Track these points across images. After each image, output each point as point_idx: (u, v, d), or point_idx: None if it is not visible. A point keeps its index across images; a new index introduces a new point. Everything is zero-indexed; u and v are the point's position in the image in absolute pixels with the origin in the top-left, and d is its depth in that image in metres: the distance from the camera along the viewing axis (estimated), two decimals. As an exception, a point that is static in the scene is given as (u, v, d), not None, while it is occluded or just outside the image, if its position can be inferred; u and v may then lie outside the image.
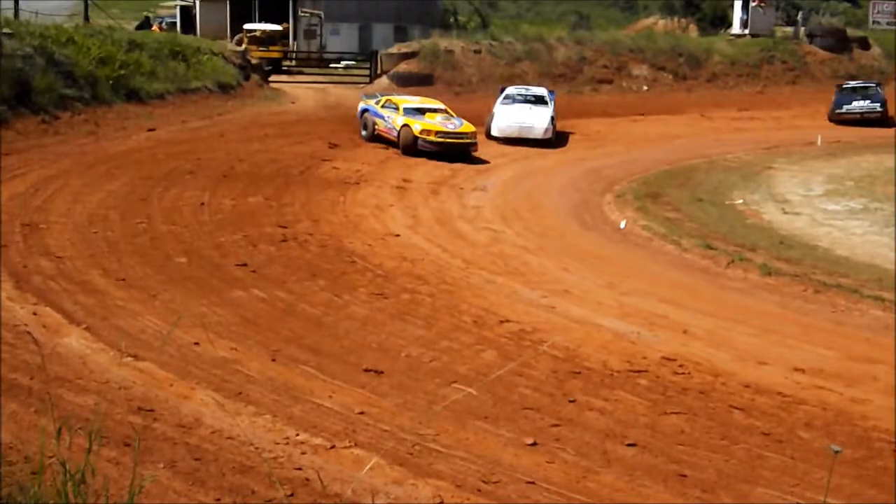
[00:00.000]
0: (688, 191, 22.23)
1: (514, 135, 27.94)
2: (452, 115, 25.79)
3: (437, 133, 24.45)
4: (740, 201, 21.26)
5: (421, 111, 25.69)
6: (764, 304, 13.92)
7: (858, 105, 35.00)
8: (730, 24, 47.79)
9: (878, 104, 34.99)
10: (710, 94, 40.14)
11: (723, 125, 34.12)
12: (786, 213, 20.18)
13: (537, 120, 28.28)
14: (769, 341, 12.00)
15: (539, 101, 29.81)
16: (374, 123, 26.02)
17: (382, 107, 26.32)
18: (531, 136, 27.88)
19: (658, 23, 54.62)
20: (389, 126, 25.37)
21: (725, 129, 33.24)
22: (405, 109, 25.61)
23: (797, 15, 48.11)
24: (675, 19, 52.73)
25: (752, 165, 26.34)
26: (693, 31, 50.69)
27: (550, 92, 31.16)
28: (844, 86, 37.21)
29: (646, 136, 31.22)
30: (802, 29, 46.47)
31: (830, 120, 35.00)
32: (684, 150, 28.39)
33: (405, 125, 24.77)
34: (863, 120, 34.43)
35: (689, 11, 51.96)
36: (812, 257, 16.25)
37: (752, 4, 45.58)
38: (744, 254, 16.25)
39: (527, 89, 31.45)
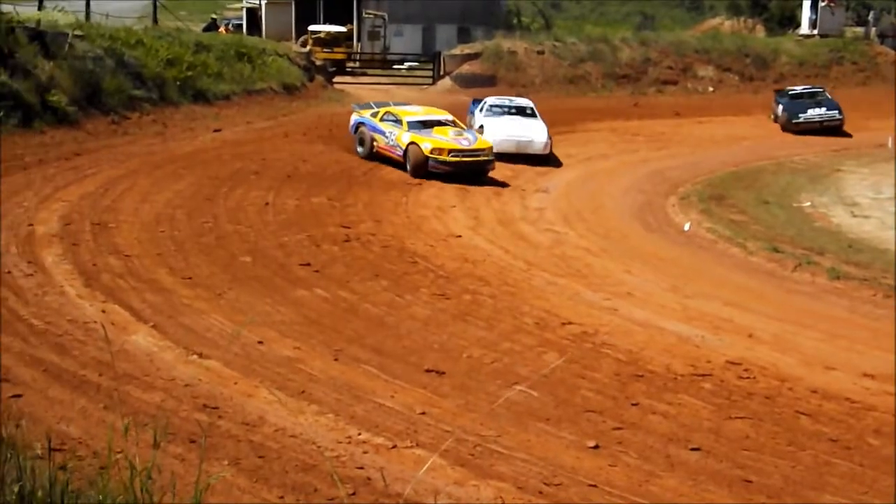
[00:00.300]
0: (754, 193, 21.94)
1: (511, 150, 24.19)
2: (464, 129, 22.71)
3: (450, 152, 21.02)
4: (808, 204, 20.92)
5: (427, 124, 22.16)
6: (832, 309, 13.69)
7: (817, 113, 31.97)
8: (798, 25, 47.05)
9: (837, 111, 32.04)
10: (778, 96, 39.51)
11: (790, 127, 33.59)
12: (855, 216, 19.82)
13: (536, 133, 25.10)
14: (837, 346, 11.79)
15: (524, 112, 26.76)
16: (373, 139, 22.62)
17: (381, 119, 22.78)
18: (530, 151, 24.60)
19: (724, 23, 53.95)
20: (392, 143, 21.96)
21: (793, 131, 32.73)
22: (410, 123, 22.06)
23: (868, 15, 47.21)
24: (742, 19, 52.03)
25: (820, 168, 25.91)
26: (760, 31, 49.98)
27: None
28: (790, 91, 34.23)
29: (711, 137, 30.87)
30: (873, 29, 45.60)
31: (786, 129, 32.23)
32: (750, 151, 28.01)
33: (412, 143, 21.27)
34: (822, 129, 31.57)
35: (756, 11, 51.24)
36: (882, 261, 15.93)
37: (822, 4, 44.84)
38: (811, 257, 16.00)
39: (510, 100, 28.14)
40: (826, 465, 8.53)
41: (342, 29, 41.30)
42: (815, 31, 44.90)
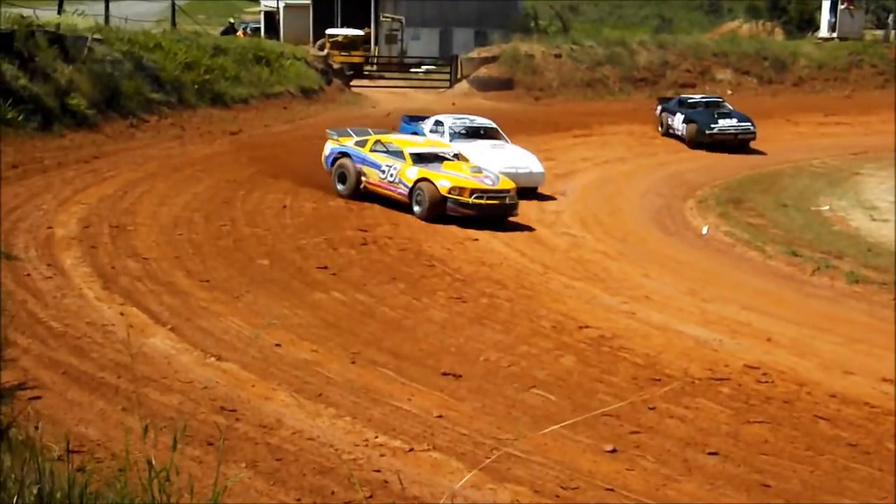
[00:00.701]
0: (772, 196, 21.85)
1: None
2: (474, 165, 18.45)
3: (472, 192, 17.23)
4: (826, 207, 20.82)
5: (433, 158, 18.53)
6: (851, 313, 13.62)
7: (730, 124, 28.41)
8: (817, 28, 46.84)
9: (750, 124, 28.64)
10: (796, 99, 39.35)
11: (809, 130, 33.44)
12: (874, 219, 19.71)
13: (531, 163, 20.88)
14: (856, 350, 11.73)
15: (496, 135, 22.28)
16: (361, 174, 18.65)
17: (372, 150, 18.84)
18: (529, 184, 20.19)
19: (743, 26, 53.78)
20: (392, 178, 18.05)
21: (811, 135, 32.57)
22: (413, 156, 18.25)
23: (888, 17, 46.96)
24: (761, 22, 51.84)
25: (839, 171, 25.78)
26: (779, 34, 49.78)
27: None
28: (688, 100, 30.76)
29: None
30: (893, 32, 45.35)
31: (694, 142, 28.48)
32: (769, 155, 27.89)
33: (424, 179, 17.58)
34: (736, 143, 28.28)
35: (774, 14, 51.04)
36: (902, 265, 15.84)
37: (841, 7, 44.63)
38: (830, 261, 15.92)
39: (471, 119, 23.27)
40: (845, 469, 8.49)
41: (360, 32, 41.37)
42: (835, 34, 44.69)
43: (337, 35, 40.64)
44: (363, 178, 18.65)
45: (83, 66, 24.22)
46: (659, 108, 31.40)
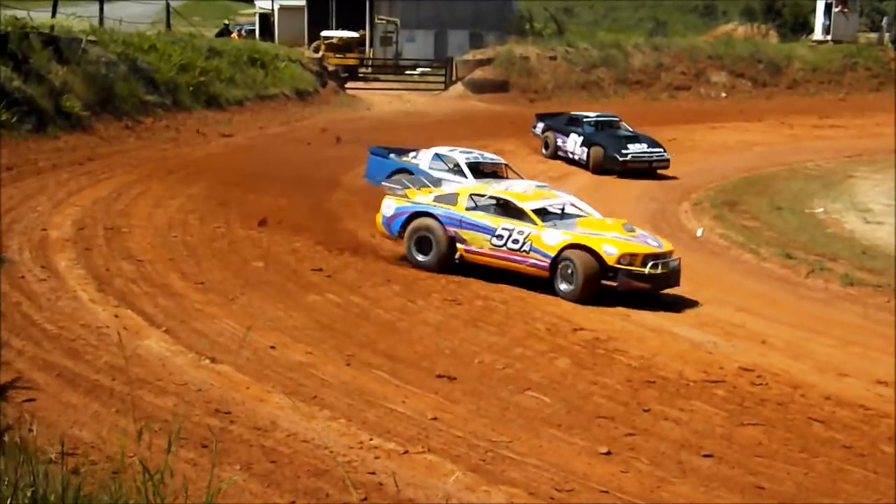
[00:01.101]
0: (767, 199, 21.87)
1: None
2: (623, 221, 14.80)
3: (645, 259, 13.44)
4: (821, 210, 20.86)
5: (562, 214, 14.76)
6: (845, 315, 13.63)
7: (643, 150, 24.25)
8: (811, 30, 46.91)
9: (662, 149, 24.56)
10: (791, 102, 39.44)
11: (803, 133, 33.50)
12: (868, 222, 19.74)
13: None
14: (851, 353, 11.75)
15: (500, 173, 19.23)
16: (457, 240, 14.40)
17: (470, 208, 14.56)
18: None
19: (737, 29, 53.81)
20: (517, 246, 13.87)
21: (806, 137, 32.62)
22: (538, 212, 14.24)
23: (882, 20, 47.03)
24: (755, 25, 51.89)
25: (834, 174, 25.80)
26: (773, 37, 49.85)
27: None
28: (584, 118, 25.95)
29: (724, 143, 30.80)
30: (887, 35, 45.42)
31: (602, 168, 24.13)
32: (763, 157, 27.93)
33: (575, 246, 13.48)
34: (651, 170, 24.19)
35: (769, 17, 51.10)
36: None
37: (835, 10, 44.71)
38: (824, 263, 15.93)
39: (480, 154, 19.81)
40: (839, 471, 8.50)
41: (354, 34, 41.38)
42: (829, 37, 44.78)
43: (332, 37, 40.65)
44: (461, 246, 14.34)
45: (77, 68, 24.18)
46: (541, 125, 26.67)
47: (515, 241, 13.90)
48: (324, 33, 41.15)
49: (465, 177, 18.03)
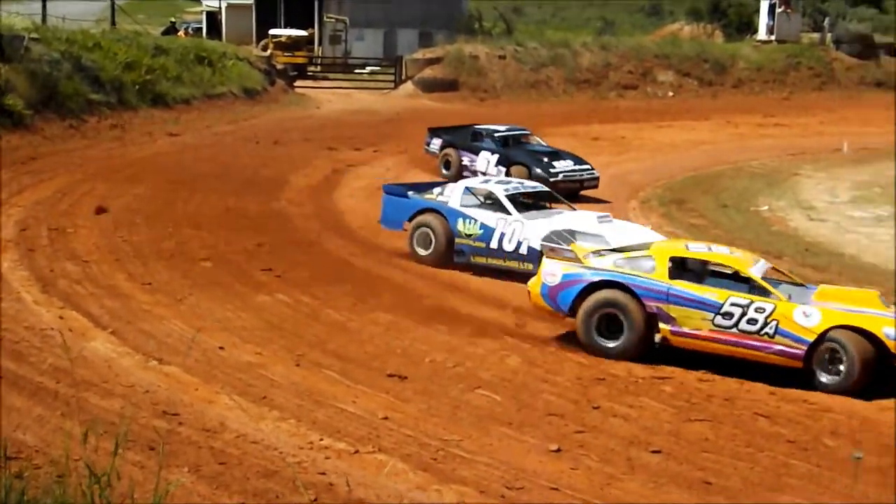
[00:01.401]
0: (713, 197, 22.11)
1: None
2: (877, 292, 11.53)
3: None
4: (765, 208, 21.13)
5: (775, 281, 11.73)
6: (790, 312, 13.78)
7: (571, 169, 20.87)
8: (756, 30, 47.55)
9: (589, 165, 21.33)
10: (736, 101, 39.95)
11: (748, 131, 33.92)
12: (811, 219, 20.04)
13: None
14: (795, 349, 11.87)
15: (543, 200, 16.07)
16: (662, 318, 11.16)
17: (676, 277, 11.28)
18: None
19: (683, 28, 54.40)
20: (755, 328, 10.79)
21: (751, 136, 33.03)
22: (770, 281, 11.46)
23: (824, 21, 47.79)
24: (701, 25, 52.49)
25: (778, 172, 26.15)
26: (718, 36, 50.46)
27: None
28: (494, 132, 22.19)
29: (671, 142, 31.08)
30: (829, 35, 46.17)
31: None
32: (709, 156, 28.22)
33: (845, 328, 10.47)
34: (581, 189, 20.70)
35: (714, 17, 51.73)
36: (838, 264, 16.12)
37: (779, 10, 45.36)
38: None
39: (520, 182, 16.66)
40: (784, 466, 8.61)
41: (303, 33, 41.18)
42: (773, 37, 45.43)
43: (280, 35, 40.41)
44: (665, 327, 11.16)
45: (20, 66, 23.80)
46: (436, 141, 22.88)
47: (753, 322, 10.82)
48: (272, 31, 40.91)
49: (508, 212, 14.66)
